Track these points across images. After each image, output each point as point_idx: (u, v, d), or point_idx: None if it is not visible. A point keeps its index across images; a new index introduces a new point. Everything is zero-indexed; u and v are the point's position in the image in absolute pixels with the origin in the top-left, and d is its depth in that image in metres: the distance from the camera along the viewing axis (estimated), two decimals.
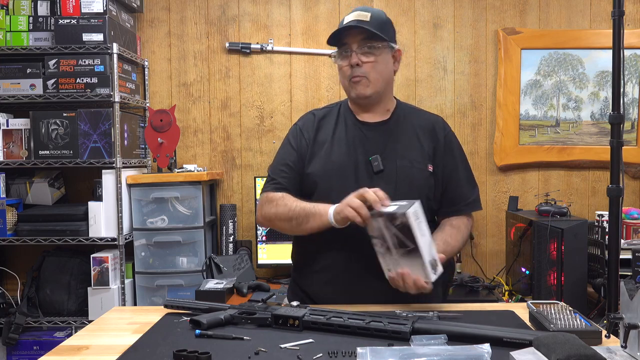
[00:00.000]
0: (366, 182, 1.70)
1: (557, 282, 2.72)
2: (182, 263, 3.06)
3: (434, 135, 1.80)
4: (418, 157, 1.76)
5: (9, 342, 3.02)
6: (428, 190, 1.75)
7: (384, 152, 1.74)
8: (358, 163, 1.74)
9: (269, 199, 1.77)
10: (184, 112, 3.48)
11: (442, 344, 1.26)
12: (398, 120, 1.81)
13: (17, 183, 3.18)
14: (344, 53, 1.74)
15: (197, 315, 1.49)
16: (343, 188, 1.68)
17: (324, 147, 1.77)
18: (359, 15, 1.72)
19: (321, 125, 1.82)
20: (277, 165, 1.84)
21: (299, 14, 3.47)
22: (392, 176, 1.72)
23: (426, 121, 1.83)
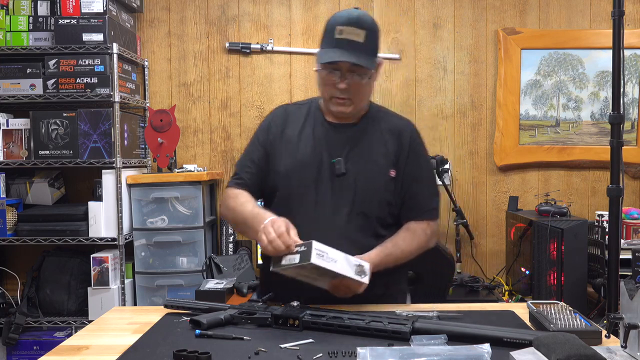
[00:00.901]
0: (326, 184, 1.70)
1: (557, 282, 2.72)
2: (182, 263, 3.06)
3: (399, 140, 1.78)
4: (381, 162, 1.74)
5: (9, 342, 3.02)
6: (388, 195, 1.74)
7: (348, 155, 1.72)
8: (321, 164, 1.72)
9: (227, 195, 1.79)
10: (184, 112, 3.48)
11: (442, 344, 1.26)
12: (367, 123, 1.79)
13: (17, 183, 3.18)
14: (332, 72, 1.67)
15: (197, 315, 1.49)
16: (302, 189, 1.70)
17: (290, 145, 1.76)
18: (353, 34, 1.65)
19: (290, 120, 1.80)
20: (242, 159, 1.84)
21: (299, 14, 3.47)
22: (352, 180, 1.71)
23: (394, 125, 1.81)
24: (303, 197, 1.71)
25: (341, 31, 1.65)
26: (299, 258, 1.46)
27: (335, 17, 1.70)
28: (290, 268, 1.48)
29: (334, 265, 1.48)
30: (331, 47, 1.66)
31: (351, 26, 1.65)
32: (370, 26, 1.69)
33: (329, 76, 1.68)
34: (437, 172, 3.24)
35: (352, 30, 1.65)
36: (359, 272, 1.54)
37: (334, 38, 1.66)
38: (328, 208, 1.70)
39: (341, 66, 1.66)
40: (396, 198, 1.76)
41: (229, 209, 1.76)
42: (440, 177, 3.28)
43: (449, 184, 3.36)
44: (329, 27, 1.69)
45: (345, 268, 1.51)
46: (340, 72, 1.67)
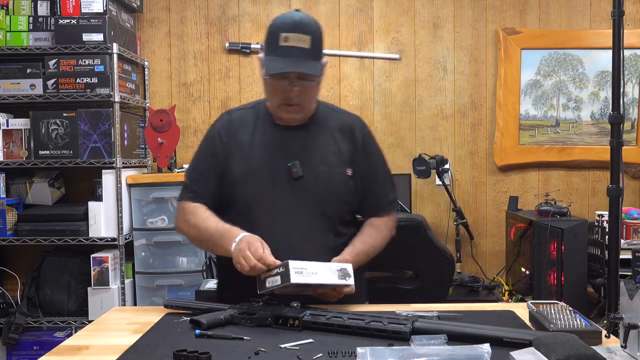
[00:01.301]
0: (285, 188, 1.69)
1: (557, 282, 2.72)
2: (182, 263, 3.06)
3: (352, 137, 1.78)
4: (337, 162, 1.74)
5: (9, 342, 3.02)
6: (347, 194, 1.74)
7: (302, 157, 1.71)
8: (277, 168, 1.71)
9: (183, 210, 1.75)
10: (184, 112, 3.48)
11: (442, 344, 1.26)
12: (317, 123, 1.77)
13: (17, 183, 3.18)
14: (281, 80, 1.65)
15: (197, 315, 1.49)
16: (261, 195, 1.69)
17: (243, 151, 1.73)
18: (299, 40, 1.62)
19: (239, 126, 1.76)
20: (193, 171, 1.79)
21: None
22: (311, 183, 1.70)
23: (344, 123, 1.81)
24: (262, 203, 1.69)
25: (286, 38, 1.62)
26: (280, 279, 1.49)
27: (277, 22, 1.66)
28: (275, 288, 1.50)
29: (316, 277, 1.51)
30: (278, 55, 1.63)
31: (296, 32, 1.63)
32: (314, 30, 1.65)
33: (277, 84, 1.66)
34: (437, 172, 3.24)
35: (297, 36, 1.63)
36: (343, 276, 1.56)
37: (280, 46, 1.63)
38: (288, 211, 1.69)
39: (289, 74, 1.64)
40: (354, 195, 1.76)
41: (190, 226, 1.72)
42: (440, 177, 3.28)
43: (449, 184, 3.36)
44: (272, 33, 1.64)
45: (328, 276, 1.54)
46: (289, 80, 1.65)
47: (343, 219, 1.76)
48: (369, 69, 3.49)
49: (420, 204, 3.51)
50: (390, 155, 3.49)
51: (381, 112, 3.50)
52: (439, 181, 3.35)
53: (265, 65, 1.65)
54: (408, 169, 3.36)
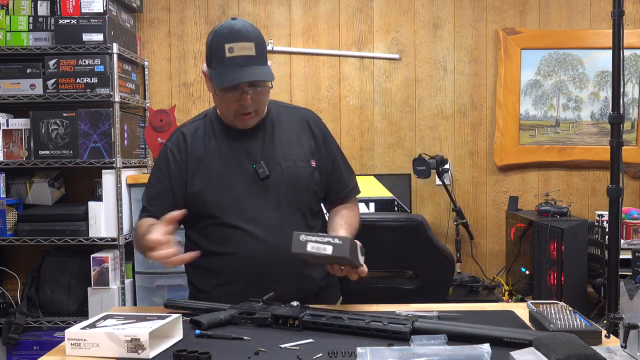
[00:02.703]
0: (254, 189, 1.70)
1: (557, 282, 2.73)
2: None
3: (310, 130, 1.81)
4: (300, 155, 1.77)
5: (9, 342, 3.02)
6: (314, 185, 1.78)
7: (265, 157, 1.73)
8: (242, 172, 1.72)
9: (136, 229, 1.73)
10: (184, 112, 3.48)
11: (442, 344, 1.26)
12: (272, 122, 1.79)
13: (17, 183, 3.18)
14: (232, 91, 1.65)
15: (197, 315, 1.49)
16: (234, 200, 1.69)
17: (203, 164, 1.73)
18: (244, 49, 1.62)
19: (193, 142, 1.76)
20: (149, 193, 1.78)
21: (299, 14, 3.47)
22: (279, 179, 1.72)
23: (299, 117, 1.83)
24: (233, 209, 1.69)
25: (231, 49, 1.62)
26: (332, 250, 1.49)
27: (217, 35, 1.65)
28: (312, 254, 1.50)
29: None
30: (225, 67, 1.62)
31: (239, 41, 1.62)
32: (256, 36, 1.66)
33: (230, 96, 1.66)
34: (437, 172, 3.24)
35: (241, 45, 1.62)
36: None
37: (226, 57, 1.62)
38: (262, 212, 1.70)
39: (241, 84, 1.64)
40: (321, 186, 1.80)
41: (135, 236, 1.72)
42: (440, 177, 3.28)
43: (449, 184, 3.36)
44: (215, 46, 1.64)
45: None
46: (241, 90, 1.65)
47: (313, 211, 1.81)
48: (369, 69, 3.49)
49: (420, 204, 3.51)
50: (390, 155, 3.50)
51: (381, 112, 3.50)
52: (439, 181, 3.35)
53: (215, 78, 1.64)
54: (408, 169, 3.36)
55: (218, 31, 1.66)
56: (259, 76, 1.64)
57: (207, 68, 1.70)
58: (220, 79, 1.63)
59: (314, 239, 1.51)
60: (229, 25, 1.66)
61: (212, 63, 1.66)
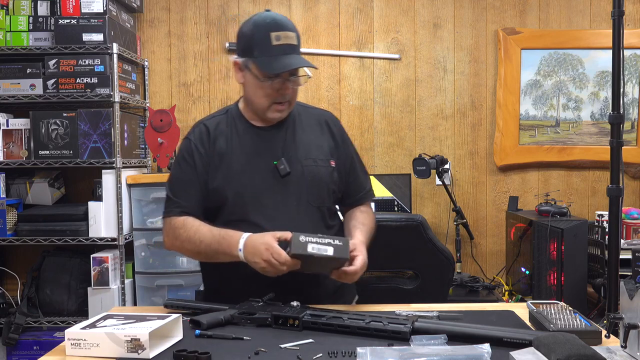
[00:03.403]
0: (275, 186, 1.70)
1: (557, 282, 2.73)
2: (182, 263, 3.06)
3: (329, 130, 1.82)
4: (320, 155, 1.77)
5: (9, 342, 3.02)
6: (333, 184, 1.78)
7: (286, 154, 1.73)
8: (263, 169, 1.72)
9: (172, 227, 1.72)
10: (184, 112, 3.48)
11: (442, 344, 1.26)
12: (293, 120, 1.79)
13: (17, 183, 3.18)
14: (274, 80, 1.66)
15: (197, 315, 1.49)
16: (253, 196, 1.69)
17: (224, 159, 1.73)
18: (289, 37, 1.65)
19: (216, 136, 1.76)
20: (175, 184, 1.77)
21: (299, 14, 3.47)
22: (300, 177, 1.72)
23: (319, 118, 1.84)
24: (254, 204, 1.69)
25: (278, 37, 1.64)
26: (334, 252, 1.51)
27: (259, 24, 1.66)
28: (313, 256, 1.51)
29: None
30: (273, 54, 1.64)
31: (284, 30, 1.65)
32: (295, 28, 1.70)
33: (271, 83, 1.67)
34: (437, 172, 3.24)
35: (286, 34, 1.65)
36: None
37: (272, 45, 1.63)
38: (281, 209, 1.70)
39: (283, 73, 1.65)
40: (339, 186, 1.81)
41: (183, 240, 1.70)
42: (440, 177, 3.28)
43: (449, 184, 3.36)
44: (259, 35, 1.65)
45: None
46: (283, 79, 1.66)
47: (331, 210, 1.81)
48: (369, 69, 3.49)
49: (420, 204, 3.51)
50: (390, 155, 3.50)
51: (381, 112, 3.50)
52: (439, 181, 3.35)
53: (262, 65, 1.65)
54: (408, 169, 3.36)
55: (258, 21, 1.67)
56: (308, 63, 1.67)
57: (243, 58, 1.70)
58: (270, 66, 1.64)
59: (315, 239, 1.52)
60: (269, 15, 1.67)
61: (254, 51, 1.66)
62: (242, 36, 1.70)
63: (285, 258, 1.51)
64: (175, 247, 1.75)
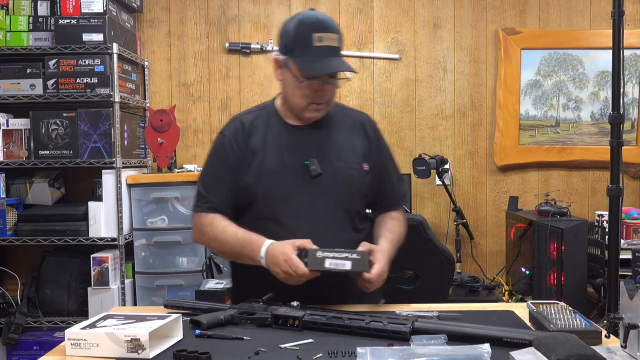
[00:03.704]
0: (305, 186, 1.69)
1: (557, 282, 2.73)
2: (182, 263, 3.06)
3: (365, 133, 1.80)
4: (353, 157, 1.75)
5: (9, 342, 3.02)
6: (365, 188, 1.76)
7: (319, 155, 1.72)
8: (294, 168, 1.71)
9: (200, 223, 1.73)
10: (184, 112, 3.48)
11: (442, 344, 1.26)
12: (328, 121, 1.78)
13: (17, 183, 3.18)
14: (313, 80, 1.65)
15: (197, 315, 1.49)
16: (282, 195, 1.68)
17: (257, 156, 1.72)
18: (332, 39, 1.64)
19: (251, 132, 1.75)
20: (207, 179, 1.77)
21: None
22: (331, 179, 1.71)
23: (355, 120, 1.83)
24: (283, 203, 1.69)
25: (320, 38, 1.62)
26: (352, 265, 1.51)
27: (303, 23, 1.65)
28: (330, 270, 1.51)
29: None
30: (313, 55, 1.63)
31: (327, 32, 1.64)
32: (338, 29, 1.69)
33: (309, 85, 1.66)
34: (437, 172, 3.24)
35: (329, 36, 1.64)
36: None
37: (314, 46, 1.62)
38: (310, 210, 1.69)
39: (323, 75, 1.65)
40: (371, 190, 1.79)
41: (210, 238, 1.71)
42: (440, 177, 3.28)
43: (449, 184, 3.36)
44: (302, 34, 1.63)
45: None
46: (322, 80, 1.65)
47: (361, 214, 1.78)
48: (369, 69, 3.49)
49: (420, 204, 3.51)
50: None
51: (381, 112, 3.50)
52: (439, 181, 3.35)
53: (302, 65, 1.63)
54: (408, 169, 3.36)
55: (302, 20, 1.65)
56: (348, 67, 1.67)
57: (283, 55, 1.69)
58: (310, 67, 1.63)
59: (332, 255, 1.51)
60: (314, 15, 1.66)
61: (295, 50, 1.65)
62: (285, 34, 1.68)
63: (302, 270, 1.50)
64: (202, 243, 1.79)
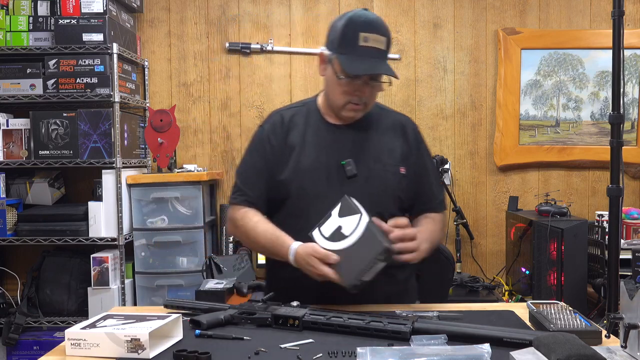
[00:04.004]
0: (339, 186, 1.68)
1: (557, 282, 2.73)
2: (182, 263, 3.06)
3: (405, 136, 1.79)
4: (390, 160, 1.74)
5: (9, 342, 3.02)
6: (400, 192, 1.75)
7: (355, 156, 1.71)
8: (330, 167, 1.70)
9: (234, 217, 1.75)
10: (184, 112, 3.48)
11: (442, 344, 1.26)
12: (368, 121, 1.77)
13: (17, 183, 3.18)
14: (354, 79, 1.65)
15: (197, 315, 1.49)
16: (315, 194, 1.68)
17: (294, 152, 1.72)
18: (378, 41, 1.63)
19: (290, 127, 1.75)
20: (244, 172, 1.78)
21: (299, 14, 3.47)
22: (366, 180, 1.70)
23: (396, 122, 1.81)
24: (316, 202, 1.67)
25: (366, 38, 1.62)
26: (383, 260, 1.48)
27: (352, 21, 1.64)
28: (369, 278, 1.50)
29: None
30: (357, 55, 1.62)
31: (375, 33, 1.63)
32: (388, 32, 1.67)
33: (350, 84, 1.66)
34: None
35: (376, 37, 1.63)
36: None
37: (359, 46, 1.62)
38: None
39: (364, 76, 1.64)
40: (407, 194, 1.76)
41: (242, 232, 1.73)
42: (440, 177, 3.28)
43: (449, 184, 3.36)
44: (349, 32, 1.63)
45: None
46: (362, 80, 1.65)
47: (394, 218, 1.75)
48: None
49: None
50: None
51: None
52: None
53: (345, 63, 1.63)
54: None
55: (353, 18, 1.64)
56: (390, 71, 1.65)
57: (329, 51, 1.69)
58: (351, 66, 1.62)
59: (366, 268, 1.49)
60: (364, 14, 1.65)
61: (341, 48, 1.64)
62: (333, 30, 1.68)
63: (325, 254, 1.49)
64: (236, 236, 1.81)
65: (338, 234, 1.52)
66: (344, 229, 1.52)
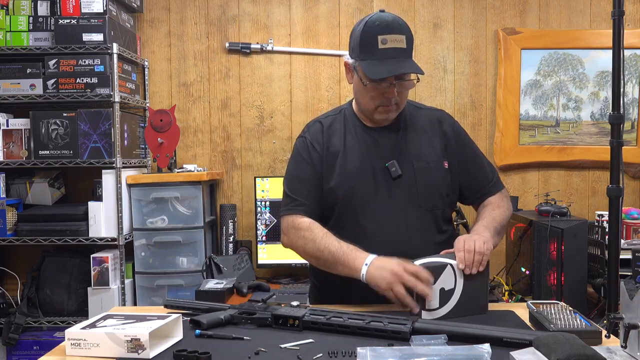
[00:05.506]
0: (386, 188, 1.69)
1: (557, 282, 2.72)
2: (182, 263, 3.06)
3: (442, 130, 1.80)
4: (432, 157, 1.75)
5: (9, 342, 3.02)
6: (446, 187, 1.76)
7: (398, 156, 1.72)
8: (375, 170, 1.72)
9: (296, 226, 1.71)
10: (184, 112, 3.48)
11: (442, 344, 1.26)
12: (405, 121, 1.79)
13: (17, 183, 3.18)
14: (381, 83, 1.65)
15: (197, 315, 1.49)
16: (364, 198, 1.69)
17: (338, 158, 1.74)
18: (397, 41, 1.63)
19: (330, 134, 1.77)
20: (294, 182, 1.76)
21: (299, 14, 3.47)
22: (412, 180, 1.71)
23: (432, 117, 1.83)
24: (366, 206, 1.68)
25: (384, 40, 1.63)
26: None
27: (368, 26, 1.65)
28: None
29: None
30: (377, 58, 1.63)
31: (392, 34, 1.64)
32: (407, 29, 1.68)
33: (377, 87, 1.66)
34: None
35: (395, 37, 1.64)
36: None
37: (378, 49, 1.63)
38: (393, 211, 1.69)
39: (389, 77, 1.64)
40: (453, 188, 1.78)
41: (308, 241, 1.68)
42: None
43: None
44: (367, 37, 1.64)
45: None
46: (389, 82, 1.65)
47: (445, 214, 1.79)
48: None
49: None
50: None
51: None
52: None
53: (366, 69, 1.63)
54: None
55: (369, 22, 1.66)
56: (412, 69, 1.64)
57: (352, 60, 1.69)
58: (373, 70, 1.63)
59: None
60: (380, 17, 1.66)
61: (361, 54, 1.65)
62: (353, 37, 1.69)
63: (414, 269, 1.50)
64: (296, 247, 1.74)
65: (444, 295, 1.53)
66: (446, 287, 1.53)
